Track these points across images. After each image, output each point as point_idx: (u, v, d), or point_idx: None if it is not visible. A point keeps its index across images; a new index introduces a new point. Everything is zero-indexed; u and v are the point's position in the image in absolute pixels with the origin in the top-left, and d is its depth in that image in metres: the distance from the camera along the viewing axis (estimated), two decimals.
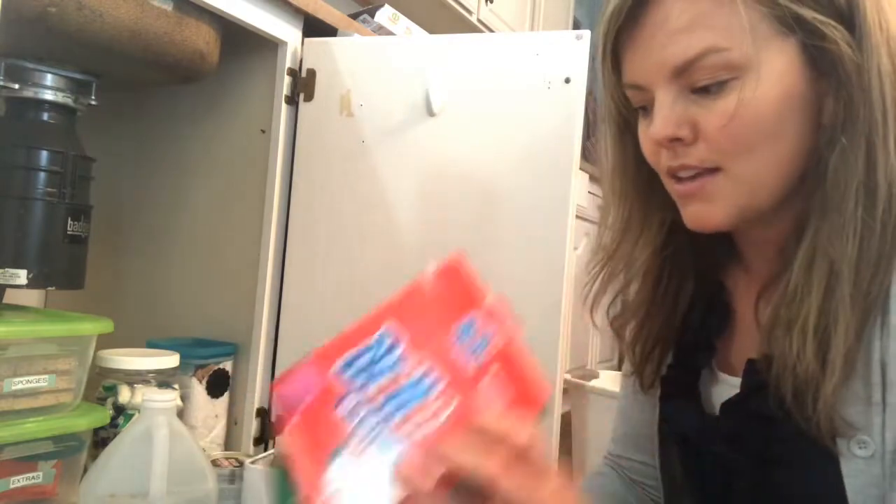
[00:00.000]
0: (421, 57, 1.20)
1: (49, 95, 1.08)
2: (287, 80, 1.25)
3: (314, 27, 1.29)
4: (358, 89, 1.23)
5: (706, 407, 0.65)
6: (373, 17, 1.57)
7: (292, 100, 1.27)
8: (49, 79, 1.07)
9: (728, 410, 0.61)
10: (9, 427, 0.83)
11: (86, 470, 0.90)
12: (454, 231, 1.17)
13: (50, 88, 1.08)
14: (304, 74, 1.26)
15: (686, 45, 0.53)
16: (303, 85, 1.26)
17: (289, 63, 1.25)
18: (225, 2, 1.12)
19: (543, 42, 1.15)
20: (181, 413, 1.14)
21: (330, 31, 1.30)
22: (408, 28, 1.64)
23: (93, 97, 1.12)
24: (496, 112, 1.16)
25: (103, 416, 0.93)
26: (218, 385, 1.23)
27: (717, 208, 0.56)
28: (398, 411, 0.45)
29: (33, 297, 1.37)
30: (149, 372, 1.06)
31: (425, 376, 0.46)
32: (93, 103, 1.13)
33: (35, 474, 0.87)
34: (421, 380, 0.46)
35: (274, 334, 1.27)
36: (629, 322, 0.69)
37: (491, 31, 2.74)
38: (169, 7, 1.05)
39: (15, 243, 1.03)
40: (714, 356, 0.66)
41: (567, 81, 1.12)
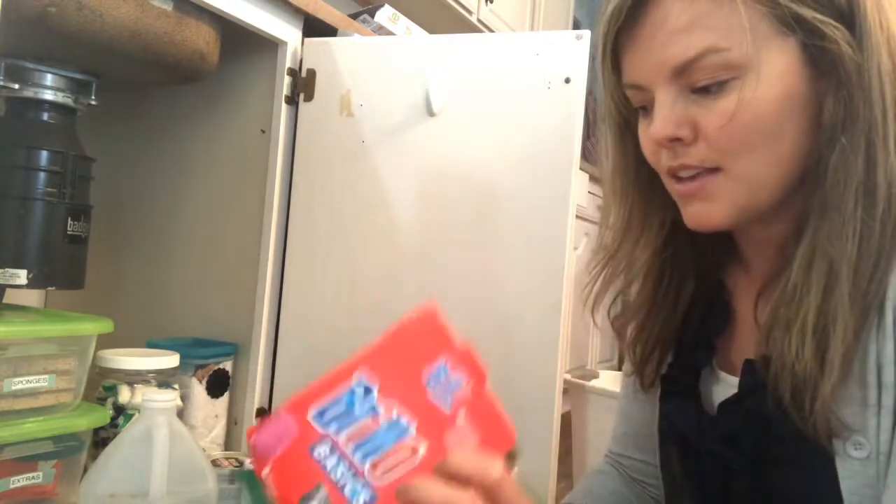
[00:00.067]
0: (421, 57, 1.20)
1: (49, 95, 1.07)
2: (287, 80, 1.25)
3: (314, 27, 1.29)
4: (358, 89, 1.23)
5: (706, 406, 0.65)
6: (373, 17, 1.57)
7: (292, 100, 1.27)
8: (49, 79, 1.07)
9: (725, 410, 0.62)
10: (9, 427, 0.83)
11: (86, 470, 0.90)
12: (454, 231, 1.17)
13: (50, 88, 1.08)
14: (304, 74, 1.26)
15: (686, 45, 0.53)
16: (303, 85, 1.26)
17: (289, 63, 1.25)
18: (225, 2, 1.12)
19: (543, 42, 1.14)
20: (181, 413, 1.14)
21: (330, 31, 1.30)
22: (408, 28, 1.64)
23: (93, 97, 1.12)
24: (496, 112, 1.16)
25: (103, 416, 0.93)
26: (218, 385, 1.23)
27: (718, 208, 0.56)
28: (370, 456, 0.46)
29: (33, 297, 1.37)
30: (149, 372, 1.06)
31: (397, 421, 0.47)
32: (93, 103, 1.13)
33: (35, 474, 0.87)
34: (393, 425, 0.47)
35: (274, 334, 1.27)
36: (630, 322, 0.70)
37: (491, 31, 2.74)
38: (169, 7, 1.05)
39: (15, 243, 1.03)
40: (714, 355, 0.66)
41: (567, 81, 1.12)
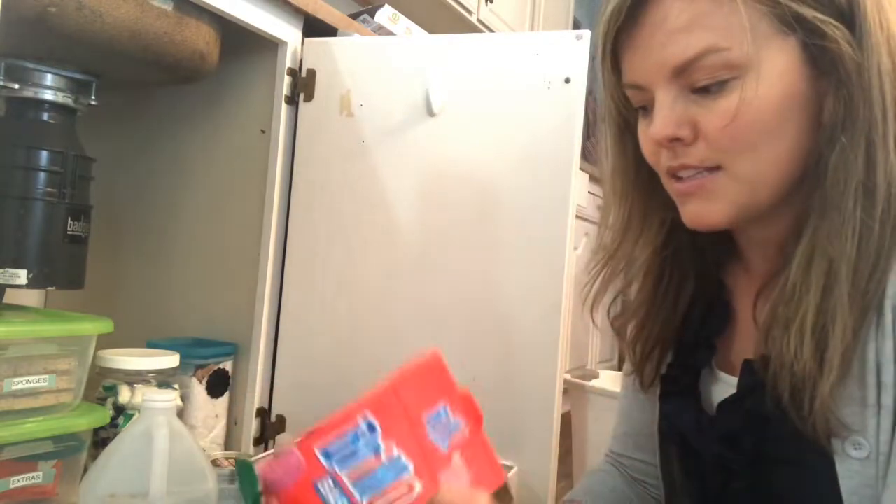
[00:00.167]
0: (421, 57, 1.20)
1: (49, 95, 1.07)
2: (287, 80, 1.25)
3: (314, 27, 1.29)
4: (358, 89, 1.23)
5: (706, 406, 0.65)
6: (373, 17, 1.57)
7: (292, 100, 1.27)
8: (49, 79, 1.07)
9: (725, 410, 0.62)
10: (9, 427, 0.83)
11: (86, 470, 0.90)
12: (454, 231, 1.17)
13: (50, 88, 1.08)
14: (304, 74, 1.26)
15: (685, 45, 0.53)
16: (303, 85, 1.26)
17: (289, 63, 1.25)
18: (225, 2, 1.12)
19: (543, 42, 1.14)
20: (181, 413, 1.14)
21: (330, 31, 1.30)
22: (408, 28, 1.64)
23: (93, 97, 1.12)
24: (496, 112, 1.15)
25: (103, 416, 0.93)
26: (218, 385, 1.23)
27: (717, 207, 0.56)
28: (370, 491, 0.49)
29: (33, 297, 1.37)
30: (149, 372, 1.06)
31: (398, 460, 0.50)
32: (93, 103, 1.13)
33: (35, 474, 0.87)
34: (393, 463, 0.50)
35: (274, 334, 1.27)
36: (630, 321, 0.70)
37: (491, 31, 2.74)
38: (169, 7, 1.05)
39: (15, 243, 1.03)
40: (714, 355, 0.66)
41: (567, 81, 1.12)
